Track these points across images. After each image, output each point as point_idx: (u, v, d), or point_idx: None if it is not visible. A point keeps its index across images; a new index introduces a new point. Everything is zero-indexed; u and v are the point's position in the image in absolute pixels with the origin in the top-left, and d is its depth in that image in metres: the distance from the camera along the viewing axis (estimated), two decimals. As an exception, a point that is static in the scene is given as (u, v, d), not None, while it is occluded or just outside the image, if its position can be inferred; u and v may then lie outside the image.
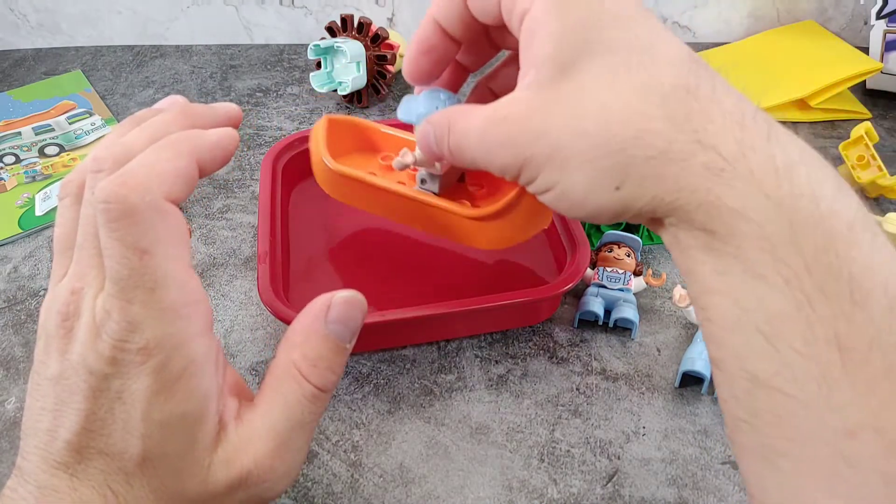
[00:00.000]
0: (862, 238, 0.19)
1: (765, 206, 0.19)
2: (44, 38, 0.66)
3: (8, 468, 0.32)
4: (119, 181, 0.22)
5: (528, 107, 0.23)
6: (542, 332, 0.39)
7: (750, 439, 0.20)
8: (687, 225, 0.21)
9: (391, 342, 0.38)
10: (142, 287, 0.22)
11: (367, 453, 0.33)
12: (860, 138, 0.46)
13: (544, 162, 0.23)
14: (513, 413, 0.35)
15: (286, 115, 0.57)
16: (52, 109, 0.57)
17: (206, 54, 0.66)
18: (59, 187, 0.26)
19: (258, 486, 0.24)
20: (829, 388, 0.18)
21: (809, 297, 0.18)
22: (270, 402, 0.25)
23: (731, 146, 0.20)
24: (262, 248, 0.37)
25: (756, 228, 0.19)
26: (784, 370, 0.18)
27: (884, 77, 0.56)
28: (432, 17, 0.28)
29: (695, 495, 0.31)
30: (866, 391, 0.17)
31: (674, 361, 0.37)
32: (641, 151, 0.21)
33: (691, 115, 0.20)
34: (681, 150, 0.20)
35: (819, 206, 0.19)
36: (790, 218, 0.19)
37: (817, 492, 0.18)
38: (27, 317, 0.40)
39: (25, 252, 0.45)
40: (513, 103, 0.24)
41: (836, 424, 0.18)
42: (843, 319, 0.18)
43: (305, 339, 0.25)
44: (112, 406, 0.23)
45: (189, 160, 0.24)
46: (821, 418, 0.18)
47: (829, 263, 0.18)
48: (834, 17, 0.64)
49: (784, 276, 0.19)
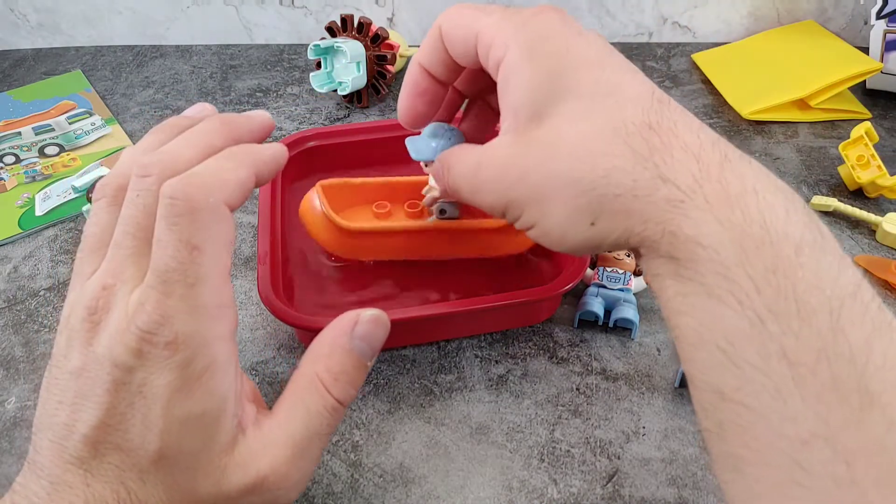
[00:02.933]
0: (809, 258, 0.20)
1: (718, 232, 0.21)
2: (44, 38, 0.66)
3: (8, 468, 0.32)
4: (187, 181, 0.24)
5: (507, 152, 0.25)
6: (542, 332, 0.39)
7: (718, 448, 0.21)
8: (654, 254, 0.22)
9: (391, 342, 0.38)
10: (183, 282, 0.23)
11: (367, 453, 0.33)
12: (860, 138, 0.46)
13: (525, 203, 0.24)
14: (513, 413, 0.35)
15: (286, 115, 0.57)
16: (52, 109, 0.57)
17: (206, 54, 0.66)
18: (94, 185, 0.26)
19: (272, 493, 0.25)
20: (784, 400, 0.19)
21: (760, 315, 0.20)
22: (291, 410, 0.26)
23: (688, 179, 0.21)
24: (262, 249, 0.37)
25: (712, 253, 0.21)
26: (745, 385, 0.20)
27: (884, 77, 0.56)
28: (418, 63, 0.29)
29: (695, 495, 0.31)
30: (815, 402, 0.19)
31: (674, 361, 0.37)
32: (611, 189, 0.22)
33: (653, 150, 0.22)
34: (645, 187, 0.22)
35: (769, 231, 0.20)
36: (741, 243, 0.20)
37: (778, 497, 0.19)
38: (27, 317, 0.40)
39: (25, 252, 0.45)
40: (496, 148, 0.26)
41: (792, 434, 0.19)
42: (791, 335, 0.19)
43: (330, 352, 0.26)
44: (133, 400, 0.23)
45: (249, 172, 0.26)
46: (777, 429, 0.19)
47: (777, 284, 0.20)
48: (834, 17, 0.64)
49: (737, 296, 0.20)
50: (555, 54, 0.24)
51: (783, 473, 0.19)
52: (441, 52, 0.28)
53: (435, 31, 0.28)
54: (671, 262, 0.22)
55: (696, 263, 0.21)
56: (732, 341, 0.20)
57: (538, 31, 0.24)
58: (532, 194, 0.24)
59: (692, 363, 0.22)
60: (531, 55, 0.24)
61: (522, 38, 0.24)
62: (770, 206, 0.21)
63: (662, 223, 0.22)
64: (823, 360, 0.19)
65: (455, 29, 0.27)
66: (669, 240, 0.21)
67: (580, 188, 0.23)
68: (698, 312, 0.21)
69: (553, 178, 0.23)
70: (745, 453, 0.20)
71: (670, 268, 0.22)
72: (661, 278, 0.22)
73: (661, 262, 0.22)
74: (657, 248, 0.22)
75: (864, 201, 0.48)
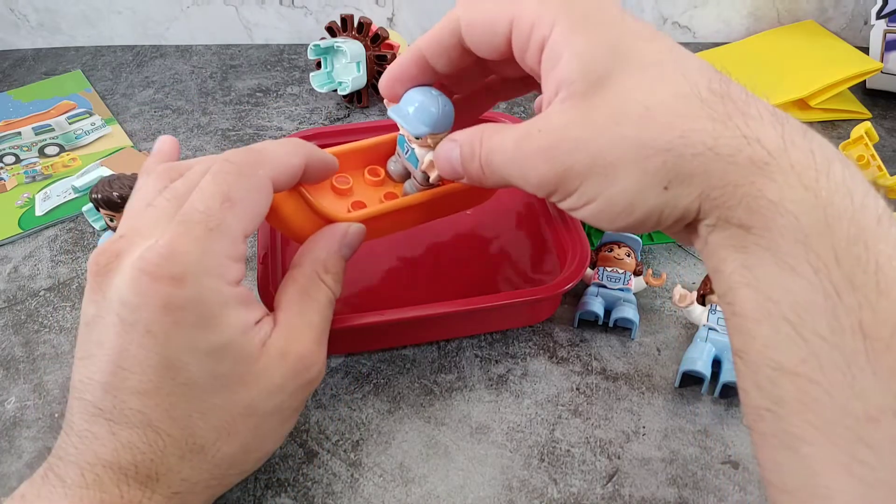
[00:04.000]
0: (889, 231, 0.19)
1: (803, 198, 0.20)
2: (44, 38, 0.66)
3: (8, 468, 0.32)
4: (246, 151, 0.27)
5: (565, 118, 0.23)
6: (542, 332, 0.39)
7: (772, 427, 0.20)
8: (724, 223, 0.21)
9: (391, 342, 0.38)
10: (204, 225, 0.24)
11: (367, 453, 0.33)
12: (860, 138, 0.46)
13: (585, 171, 0.23)
14: (513, 413, 0.35)
15: (286, 115, 0.57)
16: (52, 109, 0.57)
17: (206, 54, 0.66)
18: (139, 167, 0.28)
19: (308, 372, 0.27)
20: (853, 375, 0.18)
21: (837, 286, 0.19)
22: (303, 302, 0.29)
23: (774, 140, 0.21)
24: (262, 249, 0.37)
25: (792, 220, 0.20)
26: (810, 358, 0.19)
27: (884, 77, 0.56)
28: (419, 50, 0.29)
29: (695, 495, 0.31)
30: (889, 377, 0.18)
31: (674, 361, 0.37)
32: (689, 149, 0.21)
33: (732, 114, 0.21)
34: (727, 145, 0.21)
35: (853, 200, 0.20)
36: (825, 210, 0.19)
37: (839, 476, 0.19)
38: (27, 317, 0.40)
39: (25, 252, 0.45)
40: (548, 117, 0.24)
41: (859, 410, 0.18)
42: (868, 308, 0.18)
43: (328, 256, 0.30)
44: (143, 341, 0.23)
45: (300, 160, 0.28)
46: (844, 404, 0.18)
47: (857, 254, 0.19)
48: (834, 17, 0.64)
49: (814, 266, 0.19)
50: (610, 25, 0.23)
51: (846, 452, 0.18)
52: (452, 45, 0.27)
53: (450, 21, 0.27)
54: (740, 231, 0.21)
55: (770, 231, 0.20)
56: (801, 314, 0.19)
57: (586, 7, 0.24)
58: (595, 161, 0.22)
59: (751, 338, 0.21)
60: (585, 27, 0.23)
61: (571, 15, 0.23)
62: (852, 178, 0.20)
63: (743, 185, 0.20)
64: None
65: (480, 17, 0.26)
66: (748, 204, 0.20)
67: (654, 148, 0.21)
68: (764, 285, 0.20)
69: (622, 141, 0.22)
70: (804, 431, 0.19)
71: (737, 238, 0.21)
72: (723, 250, 0.21)
73: (728, 234, 0.21)
74: (730, 215, 0.21)
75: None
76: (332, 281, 0.30)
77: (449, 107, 0.31)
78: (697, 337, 0.36)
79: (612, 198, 0.23)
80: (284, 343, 0.27)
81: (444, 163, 0.29)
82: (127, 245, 0.24)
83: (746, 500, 0.31)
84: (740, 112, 0.21)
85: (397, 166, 0.36)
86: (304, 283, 0.29)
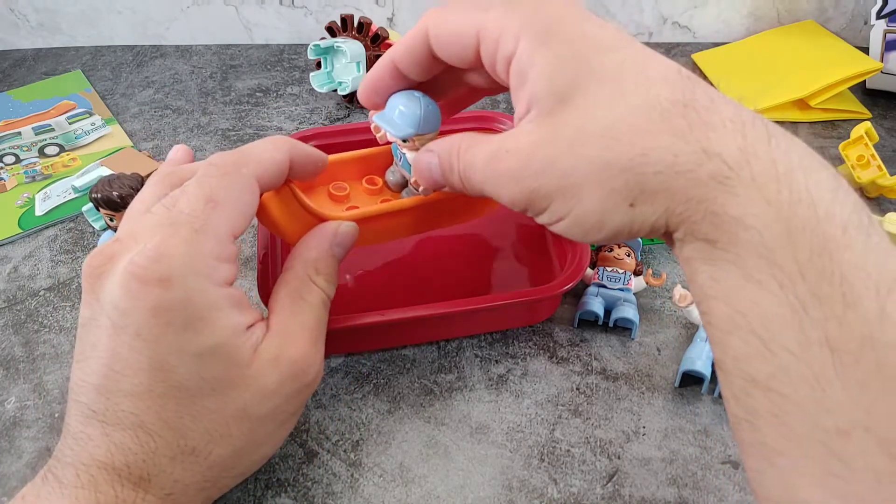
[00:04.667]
0: (855, 240, 0.19)
1: (765, 213, 0.19)
2: (44, 38, 0.66)
3: (8, 468, 0.32)
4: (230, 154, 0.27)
5: (532, 138, 0.23)
6: (542, 331, 0.39)
7: (750, 437, 0.20)
8: (691, 237, 0.21)
9: (391, 342, 0.38)
10: (190, 226, 0.24)
11: (367, 453, 0.33)
12: (860, 138, 0.46)
13: (553, 192, 0.23)
14: (513, 413, 0.35)
15: (286, 115, 0.57)
16: (52, 109, 0.57)
17: (206, 54, 0.66)
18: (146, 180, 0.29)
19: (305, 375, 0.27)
20: (822, 389, 0.18)
21: (802, 300, 0.19)
22: (294, 305, 0.28)
23: (734, 153, 0.20)
24: (262, 249, 0.37)
25: (755, 235, 0.19)
26: (779, 372, 0.19)
27: (884, 77, 0.56)
28: (391, 60, 0.29)
29: (695, 495, 0.31)
30: (857, 391, 0.18)
31: (674, 361, 0.37)
32: (650, 168, 0.21)
33: (693, 126, 0.21)
34: (687, 161, 0.20)
35: (816, 210, 0.19)
36: (787, 224, 0.19)
37: (814, 490, 0.19)
38: (27, 317, 0.40)
39: (25, 252, 0.45)
40: (516, 136, 0.24)
41: (829, 424, 0.18)
42: (834, 321, 0.18)
43: (318, 256, 0.30)
44: (133, 344, 0.23)
45: (284, 156, 0.28)
46: (815, 419, 0.18)
47: (822, 267, 0.19)
48: (834, 17, 0.64)
49: (778, 280, 0.19)
50: (572, 40, 0.23)
51: (819, 465, 0.18)
52: (422, 55, 0.27)
53: (419, 32, 0.27)
54: (707, 245, 0.21)
55: (735, 246, 0.20)
56: (769, 327, 0.19)
57: (548, 18, 0.23)
58: (562, 182, 0.23)
59: (724, 349, 0.21)
60: (547, 43, 0.23)
61: (534, 28, 0.23)
62: (817, 184, 0.20)
63: (705, 201, 0.20)
64: (868, 347, 0.18)
65: (446, 30, 0.26)
66: (711, 220, 0.20)
67: (617, 168, 0.21)
68: (732, 298, 0.20)
69: (586, 162, 0.22)
70: (778, 444, 0.19)
71: (705, 252, 0.21)
72: (694, 262, 0.21)
73: (696, 247, 0.21)
74: (696, 230, 0.21)
75: (865, 201, 0.48)
76: (325, 282, 0.30)
77: (433, 107, 0.30)
78: (697, 337, 0.36)
79: (580, 216, 0.23)
80: (277, 348, 0.26)
81: (422, 173, 0.29)
82: (121, 249, 0.25)
83: (746, 500, 0.31)
84: (702, 122, 0.21)
85: (395, 176, 0.36)
86: (295, 286, 0.29)
